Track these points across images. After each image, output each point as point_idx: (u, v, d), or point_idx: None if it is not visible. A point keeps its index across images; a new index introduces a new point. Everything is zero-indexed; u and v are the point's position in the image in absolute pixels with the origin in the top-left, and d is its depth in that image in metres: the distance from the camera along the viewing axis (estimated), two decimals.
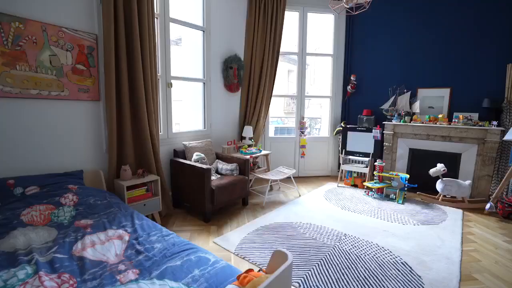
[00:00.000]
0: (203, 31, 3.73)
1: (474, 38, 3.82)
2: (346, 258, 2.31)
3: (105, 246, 1.55)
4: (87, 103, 2.64)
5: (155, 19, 3.04)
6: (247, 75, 4.28)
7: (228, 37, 4.05)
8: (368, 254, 2.38)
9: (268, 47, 4.23)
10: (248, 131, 4.13)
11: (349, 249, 2.46)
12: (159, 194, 2.90)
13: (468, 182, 3.57)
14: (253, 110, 4.32)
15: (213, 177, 3.24)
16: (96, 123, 2.72)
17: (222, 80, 4.07)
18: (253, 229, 2.84)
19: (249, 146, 4.19)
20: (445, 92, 4.07)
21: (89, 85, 2.63)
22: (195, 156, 3.26)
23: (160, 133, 3.30)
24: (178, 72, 3.55)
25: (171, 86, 3.37)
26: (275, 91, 4.49)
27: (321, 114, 5.40)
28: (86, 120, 2.65)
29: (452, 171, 3.87)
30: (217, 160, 3.59)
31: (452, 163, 3.89)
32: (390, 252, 2.43)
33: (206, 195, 2.91)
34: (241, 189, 3.34)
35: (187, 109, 4.03)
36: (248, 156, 3.69)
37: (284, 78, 11.87)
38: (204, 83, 3.83)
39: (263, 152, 4.05)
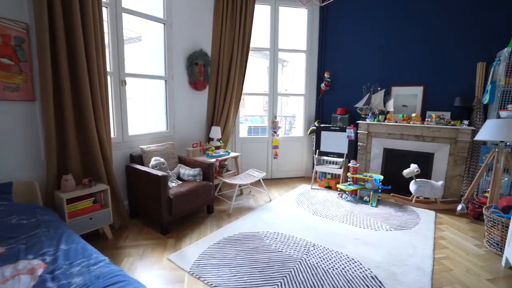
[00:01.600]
0: (164, 24, 3.40)
1: (447, 37, 3.74)
2: (312, 274, 2.11)
3: (6, 286, 1.24)
4: (17, 104, 2.27)
5: (103, 8, 2.70)
6: (214, 72, 3.99)
7: (192, 30, 3.74)
8: (336, 268, 2.19)
9: (237, 42, 3.96)
10: (215, 132, 3.86)
11: (317, 263, 2.26)
12: (110, 205, 2.58)
13: (440, 182, 3.50)
14: (221, 109, 4.04)
15: (173, 184, 2.96)
16: (31, 126, 2.36)
17: (186, 78, 3.77)
18: (215, 241, 2.59)
19: (217, 148, 3.92)
20: (418, 91, 3.98)
21: (19, 82, 2.26)
22: (153, 161, 2.96)
23: (113, 137, 2.96)
24: (139, 70, 3.22)
25: (125, 84, 3.03)
26: (249, 89, 4.25)
27: (296, 112, 5.20)
28: (17, 123, 2.28)
29: (425, 171, 3.80)
30: (179, 164, 3.30)
31: (425, 163, 3.81)
32: (360, 264, 2.26)
33: (163, 205, 2.63)
34: (205, 196, 3.07)
35: (148, 109, 3.70)
36: (213, 160, 3.43)
37: (264, 75, 11.65)
38: (165, 80, 3.51)
39: (232, 154, 3.80)
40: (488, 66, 3.49)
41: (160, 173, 2.66)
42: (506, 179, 3.18)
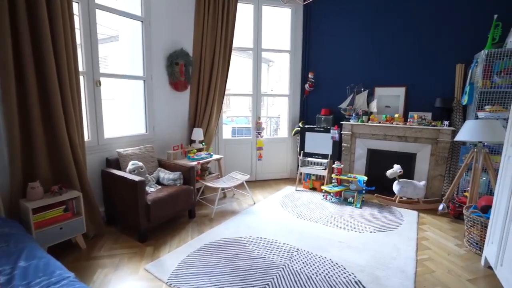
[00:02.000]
0: (142, 21, 3.26)
1: (427, 38, 3.78)
2: (295, 281, 2.05)
3: None
4: None
5: (74, 3, 2.53)
6: (196, 72, 3.88)
7: (172, 29, 3.61)
8: (320, 274, 2.14)
9: (219, 41, 3.86)
10: (197, 133, 3.75)
11: (300, 269, 2.20)
12: (83, 213, 2.43)
13: (422, 183, 3.53)
14: (204, 110, 3.93)
15: (151, 189, 2.83)
16: None
17: (167, 78, 3.63)
18: (195, 248, 2.49)
19: (199, 150, 3.81)
20: (400, 91, 4.01)
21: None
22: (130, 165, 2.83)
23: (87, 140, 2.80)
24: (116, 70, 3.06)
25: (100, 85, 2.87)
26: (235, 90, 4.15)
27: (280, 113, 5.15)
28: None
29: (408, 171, 3.83)
30: (159, 168, 3.17)
31: (408, 163, 3.84)
32: (344, 269, 2.21)
33: (140, 211, 2.50)
34: (186, 201, 2.96)
35: (126, 111, 3.54)
36: (194, 163, 3.32)
37: (250, 75, 11.57)
38: (144, 81, 3.37)
39: (215, 156, 3.70)
40: (466, 68, 3.55)
41: (137, 178, 2.53)
42: (484, 178, 3.24)
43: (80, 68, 2.68)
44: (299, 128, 4.29)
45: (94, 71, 2.81)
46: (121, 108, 3.61)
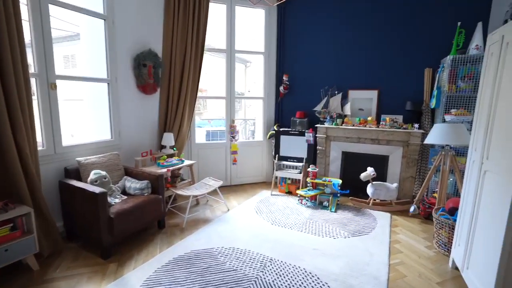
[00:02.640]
0: (104, 20, 3.04)
1: (398, 43, 3.85)
2: None
3: None
4: None
5: None
6: (166, 74, 3.70)
7: (139, 29, 3.41)
8: (293, 285, 2.07)
9: (190, 42, 3.70)
10: (168, 138, 3.57)
11: (273, 281, 2.13)
12: (34, 231, 2.19)
13: (395, 185, 3.59)
14: (174, 114, 3.76)
15: (116, 200, 2.64)
16: None
17: (134, 80, 3.43)
18: (163, 262, 2.34)
19: (170, 156, 3.64)
20: (373, 94, 4.06)
21: None
22: (92, 175, 2.61)
23: (41, 149, 2.56)
24: (76, 72, 2.83)
25: (55, 88, 2.63)
26: (212, 91, 3.99)
27: (256, 116, 5.07)
28: None
29: (381, 173, 3.88)
30: (125, 177, 2.97)
31: (381, 165, 3.90)
32: (318, 278, 2.16)
33: (102, 226, 2.31)
34: (154, 211, 2.79)
35: (90, 116, 3.30)
36: (164, 170, 3.15)
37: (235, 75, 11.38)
38: (108, 83, 3.15)
39: (186, 162, 3.54)
40: (434, 72, 3.65)
41: (97, 189, 2.33)
42: (451, 179, 3.34)
43: (32, 69, 2.44)
44: (274, 131, 4.23)
45: (49, 73, 2.57)
46: (85, 112, 3.36)
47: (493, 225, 1.71)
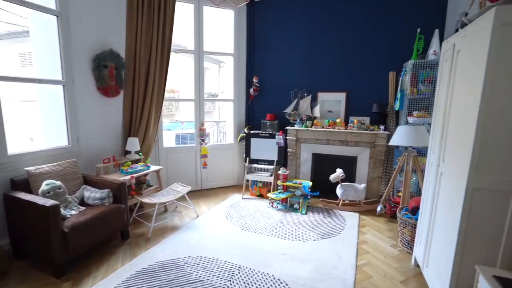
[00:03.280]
0: (57, 16, 2.81)
1: (364, 46, 3.95)
2: None
3: None
4: None
5: None
6: (130, 75, 3.51)
7: (99, 27, 3.20)
8: None
9: (156, 42, 3.54)
10: (133, 143, 3.40)
11: None
12: None
13: (363, 185, 3.68)
14: (140, 117, 3.58)
15: (72, 212, 2.44)
16: None
17: (93, 82, 3.22)
18: (124, 277, 2.20)
19: (136, 161, 3.46)
20: (341, 96, 4.14)
21: None
22: (44, 186, 2.40)
23: None
24: (25, 72, 2.58)
25: None
26: (183, 93, 3.84)
27: (226, 118, 4.99)
28: None
29: (350, 174, 3.96)
30: (84, 186, 2.77)
31: (350, 166, 3.98)
32: (286, 285, 2.14)
33: (54, 242, 2.12)
34: (116, 222, 2.63)
35: (43, 121, 3.04)
36: (128, 177, 2.99)
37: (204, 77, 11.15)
38: (63, 85, 2.92)
39: (153, 168, 3.39)
40: (398, 76, 3.79)
41: (49, 201, 2.14)
42: (414, 178, 3.49)
43: None
44: (244, 134, 4.18)
45: None
46: (39, 117, 3.10)
47: (448, 225, 1.78)
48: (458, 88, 1.80)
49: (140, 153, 3.54)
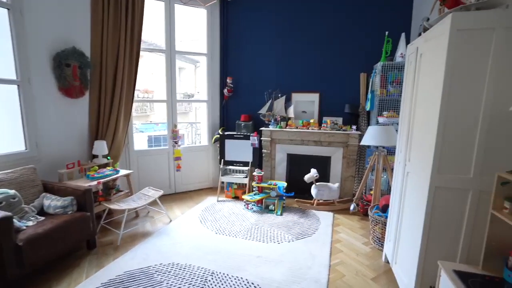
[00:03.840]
0: (8, 9, 2.59)
1: (338, 47, 4.03)
2: None
3: None
4: None
5: None
6: (96, 75, 3.33)
7: (60, 23, 3.01)
8: None
9: (124, 40, 3.38)
10: (100, 147, 3.22)
11: None
12: None
13: (336, 184, 3.74)
14: (108, 119, 3.41)
15: (29, 223, 2.26)
16: None
17: (54, 82, 3.01)
18: None
19: (104, 166, 3.29)
20: (315, 97, 4.19)
21: None
22: None
23: None
24: None
25: None
26: (157, 94, 3.68)
27: (201, 120, 4.89)
28: None
29: (324, 173, 4.02)
30: (44, 194, 2.58)
31: (324, 166, 4.04)
32: None
33: (6, 257, 1.94)
34: (81, 231, 2.47)
35: None
36: (94, 182, 2.83)
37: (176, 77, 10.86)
38: (18, 85, 2.70)
39: (122, 172, 3.23)
40: (368, 77, 3.90)
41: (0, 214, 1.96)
42: (384, 177, 3.60)
43: None
44: (219, 135, 4.11)
45: None
46: None
47: (414, 222, 1.84)
48: (422, 91, 1.86)
49: (109, 157, 3.37)
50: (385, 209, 2.81)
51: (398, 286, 2.09)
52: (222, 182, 4.01)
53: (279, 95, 4.16)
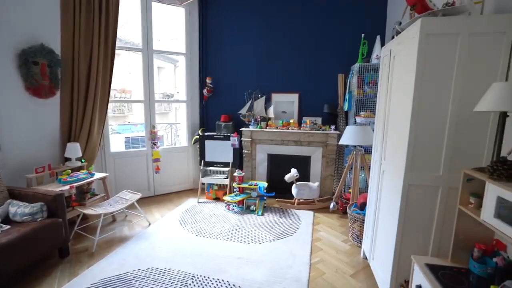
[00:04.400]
0: None
1: (314, 49, 4.09)
2: None
3: None
4: None
5: None
6: (68, 73, 3.18)
7: (25, 18, 2.84)
8: None
9: (98, 38, 3.25)
10: (73, 149, 3.08)
11: None
12: None
13: (316, 184, 3.80)
14: (81, 120, 3.27)
15: None
16: None
17: (20, 81, 2.84)
18: None
19: (77, 169, 3.15)
20: (294, 97, 4.24)
21: None
22: None
23: None
24: None
25: None
26: (135, 94, 3.55)
27: (180, 120, 4.81)
28: None
29: (305, 173, 4.07)
30: (10, 201, 2.42)
31: (304, 165, 4.09)
32: None
33: None
34: (51, 239, 2.35)
35: None
36: (66, 187, 2.70)
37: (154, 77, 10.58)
38: None
39: (97, 175, 3.11)
40: (346, 78, 3.99)
41: None
42: (362, 175, 3.70)
43: None
44: (199, 136, 4.06)
45: None
46: None
47: (389, 219, 1.90)
48: (395, 92, 1.93)
49: (83, 160, 3.23)
50: (363, 207, 2.89)
51: (376, 281, 2.16)
52: (203, 184, 3.96)
53: (259, 95, 4.17)
